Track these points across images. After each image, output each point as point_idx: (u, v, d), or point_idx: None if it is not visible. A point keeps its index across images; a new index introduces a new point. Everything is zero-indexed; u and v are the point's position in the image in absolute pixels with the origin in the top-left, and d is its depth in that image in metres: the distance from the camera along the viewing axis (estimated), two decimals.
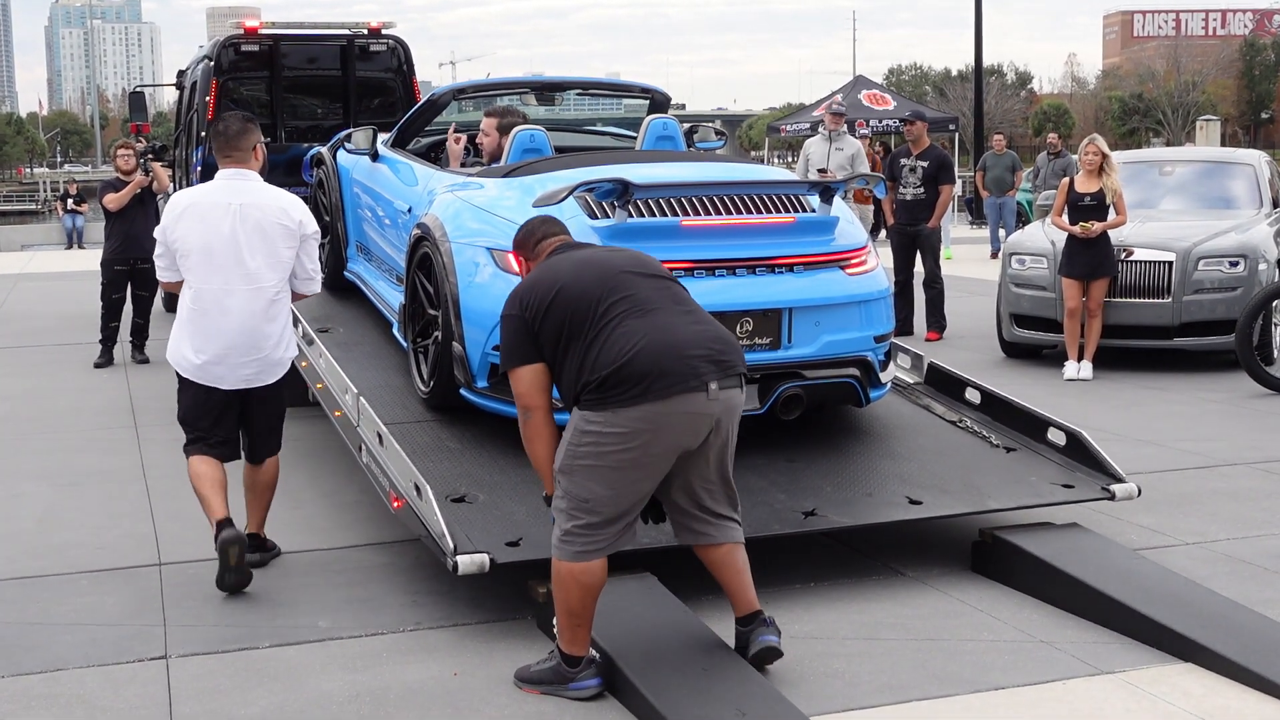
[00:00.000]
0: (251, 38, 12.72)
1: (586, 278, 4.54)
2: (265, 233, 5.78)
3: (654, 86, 8.82)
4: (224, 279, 5.75)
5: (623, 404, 4.36)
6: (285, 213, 5.85)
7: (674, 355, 4.41)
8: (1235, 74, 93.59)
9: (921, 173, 12.87)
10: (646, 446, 4.41)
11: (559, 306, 4.47)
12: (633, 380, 4.35)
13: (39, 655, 5.06)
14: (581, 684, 4.60)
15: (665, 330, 4.46)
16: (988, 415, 6.97)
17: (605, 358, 4.38)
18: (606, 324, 4.44)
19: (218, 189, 5.89)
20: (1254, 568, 6.00)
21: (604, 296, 4.49)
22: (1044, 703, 4.60)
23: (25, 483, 7.76)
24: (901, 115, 27.80)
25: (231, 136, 5.94)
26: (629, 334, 4.41)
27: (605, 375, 4.37)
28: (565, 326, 4.46)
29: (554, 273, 4.59)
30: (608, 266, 4.61)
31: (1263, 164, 12.74)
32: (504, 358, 4.64)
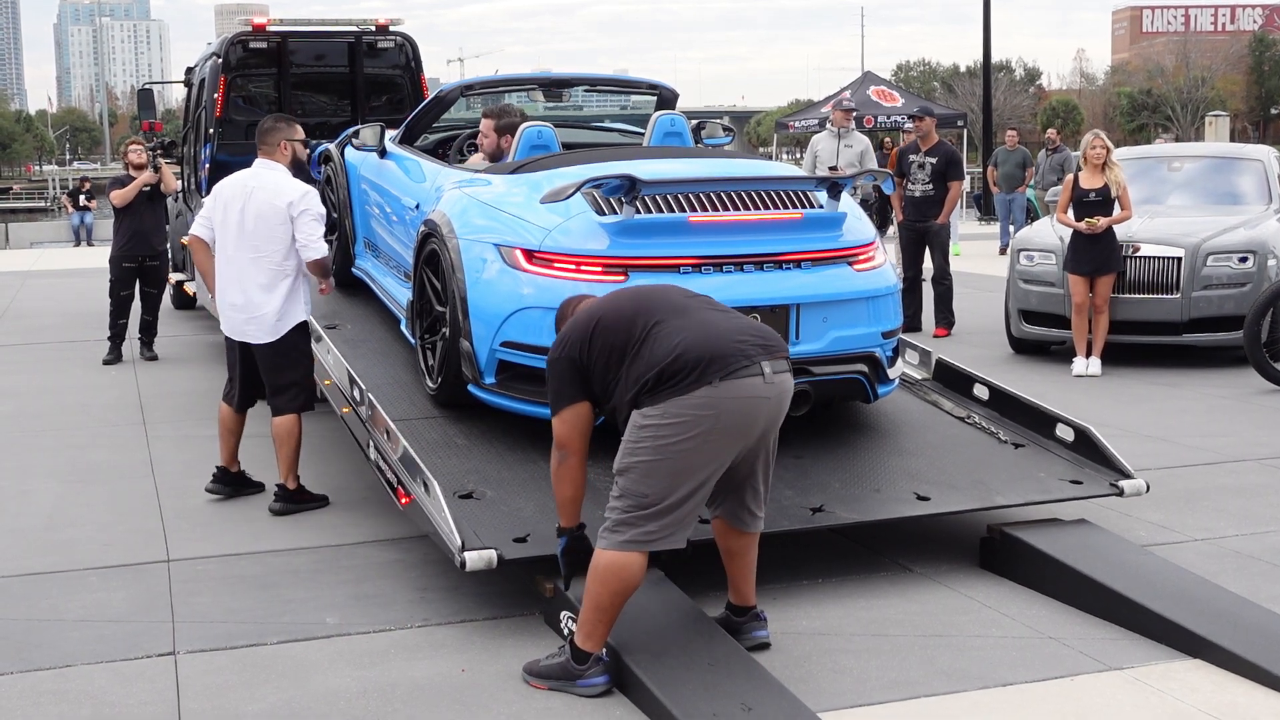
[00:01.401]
0: (259, 35, 12.73)
1: (623, 302, 4.65)
2: (261, 212, 6.80)
3: (661, 83, 8.81)
4: (234, 245, 6.86)
5: (680, 392, 4.37)
6: (278, 194, 6.82)
7: (725, 341, 4.45)
8: (1244, 70, 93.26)
9: (930, 169, 12.86)
10: (707, 434, 4.39)
11: (601, 335, 4.54)
12: (688, 369, 4.37)
13: (47, 651, 5.07)
14: (589, 681, 4.60)
15: (708, 325, 4.52)
16: (996, 411, 6.96)
17: (655, 356, 4.41)
18: (650, 331, 4.48)
19: (247, 173, 7.03)
20: (1262, 564, 5.99)
21: (642, 312, 4.55)
22: (1052, 699, 4.59)
23: (34, 479, 7.77)
24: (910, 111, 27.80)
25: (263, 133, 7.10)
26: (674, 331, 4.45)
27: (660, 370, 4.38)
28: (612, 352, 4.51)
29: (589, 311, 4.69)
30: (640, 291, 4.75)
31: (1271, 160, 12.70)
32: (551, 401, 4.66)
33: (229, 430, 7.18)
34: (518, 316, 5.92)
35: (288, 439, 6.93)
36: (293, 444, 6.94)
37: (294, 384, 6.96)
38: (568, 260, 5.86)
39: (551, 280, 5.86)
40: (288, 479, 6.97)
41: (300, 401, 6.97)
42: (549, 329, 5.83)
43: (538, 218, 6.05)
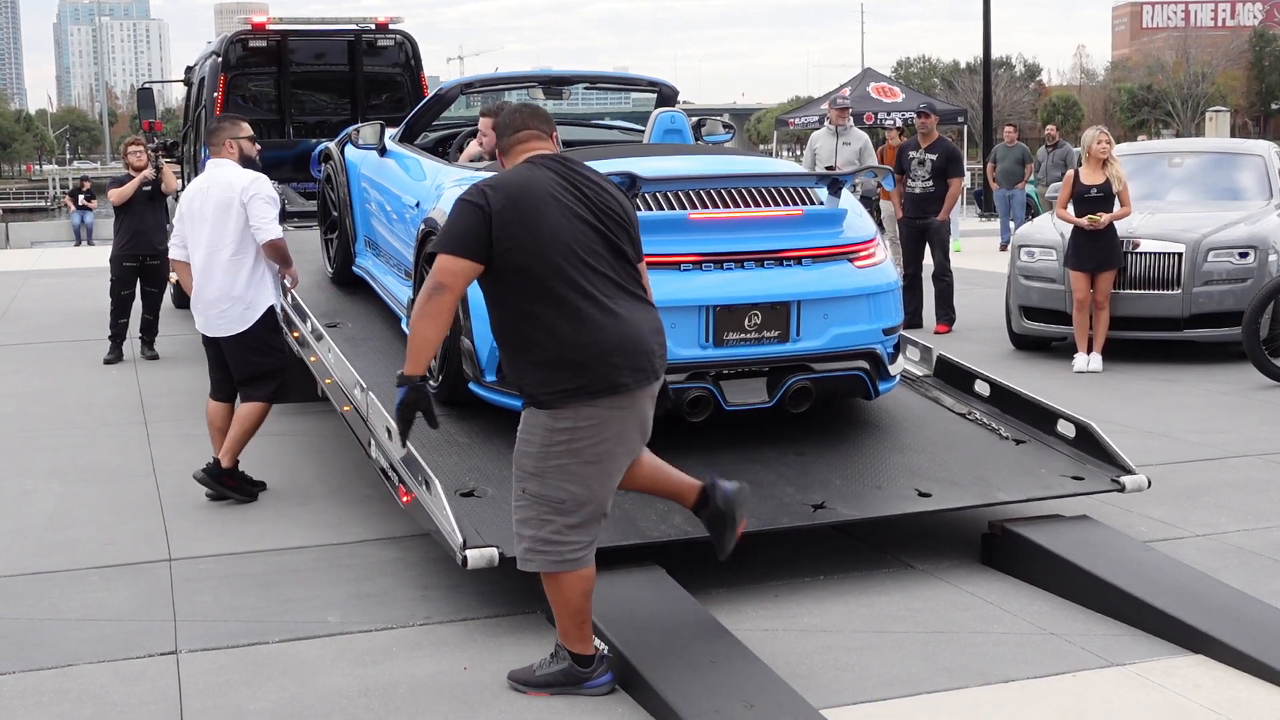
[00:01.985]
0: (259, 33, 12.74)
1: (565, 231, 4.36)
2: (215, 205, 7.01)
3: (661, 80, 8.81)
4: (197, 243, 7.07)
5: (595, 395, 4.32)
6: (229, 186, 7.02)
7: (637, 350, 4.38)
8: (1245, 65, 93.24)
9: (930, 166, 12.85)
10: (620, 435, 4.40)
11: (527, 240, 4.32)
12: (603, 372, 4.32)
13: (49, 651, 5.07)
14: (596, 682, 4.58)
15: (629, 323, 4.39)
16: (997, 407, 6.96)
17: (575, 343, 4.31)
18: (572, 299, 4.32)
19: (200, 178, 7.31)
20: (1264, 559, 5.98)
21: (575, 260, 4.35)
22: (1054, 695, 4.59)
23: (35, 479, 7.77)
24: (911, 108, 27.79)
25: (209, 133, 7.47)
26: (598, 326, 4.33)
27: (577, 365, 4.31)
28: (525, 267, 4.33)
29: (536, 195, 4.39)
30: (582, 229, 4.40)
31: (1272, 155, 12.69)
32: (446, 240, 4.37)
33: (219, 429, 7.27)
34: None
35: (244, 420, 7.10)
36: (246, 427, 7.10)
37: (264, 374, 7.15)
38: None
39: None
40: (224, 456, 7.09)
41: (271, 390, 7.16)
42: None
43: None
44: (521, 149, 4.61)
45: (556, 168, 4.49)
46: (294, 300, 8.23)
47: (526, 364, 4.42)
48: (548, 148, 4.62)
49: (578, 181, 4.48)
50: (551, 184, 4.42)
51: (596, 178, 4.57)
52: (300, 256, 9.85)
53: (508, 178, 4.46)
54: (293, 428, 8.87)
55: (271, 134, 12.87)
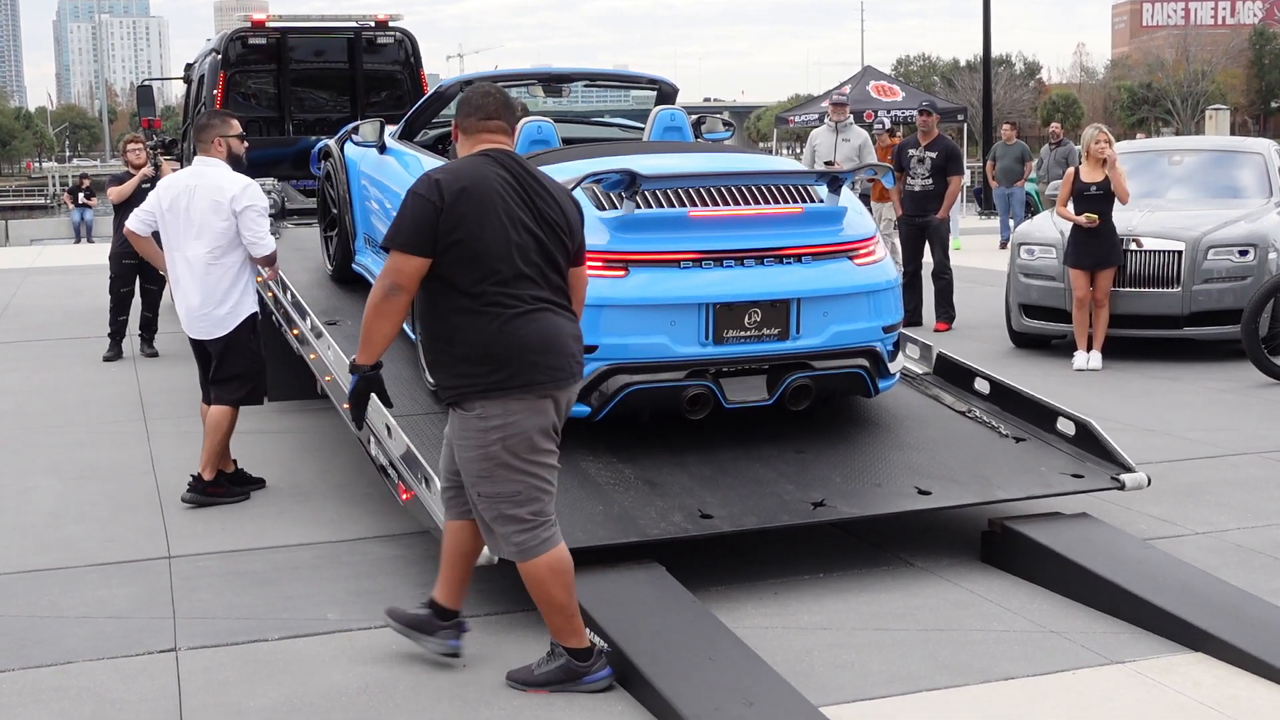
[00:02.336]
0: (259, 31, 12.74)
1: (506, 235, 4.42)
2: (204, 208, 6.91)
3: (661, 78, 8.80)
4: (183, 245, 6.99)
5: (514, 390, 4.40)
6: (220, 189, 6.93)
7: (558, 351, 4.47)
8: (1245, 63, 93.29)
9: (930, 164, 12.85)
10: (543, 429, 4.48)
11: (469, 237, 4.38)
12: (522, 369, 4.40)
13: (49, 648, 5.07)
14: (595, 676, 4.58)
15: (550, 325, 4.47)
16: (997, 405, 6.96)
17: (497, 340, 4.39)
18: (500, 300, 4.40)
19: (188, 172, 7.20)
20: (1264, 557, 5.98)
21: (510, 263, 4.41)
22: (1054, 693, 4.59)
23: (35, 476, 7.77)
24: (911, 106, 27.79)
25: (199, 129, 7.31)
26: (521, 326, 4.41)
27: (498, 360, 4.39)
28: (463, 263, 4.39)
29: (485, 193, 4.44)
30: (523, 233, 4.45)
31: (1272, 153, 12.68)
32: (398, 236, 4.43)
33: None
34: None
35: (215, 430, 7.02)
36: (220, 436, 7.04)
37: (236, 376, 7.09)
38: None
39: None
40: (205, 469, 7.03)
41: (242, 393, 7.11)
42: None
43: None
44: (485, 138, 4.62)
45: (509, 168, 4.55)
46: (294, 298, 8.23)
47: (451, 357, 4.48)
48: (507, 143, 4.66)
49: (527, 185, 4.54)
50: (501, 184, 4.48)
51: (546, 183, 4.62)
52: (300, 254, 9.88)
53: (460, 171, 4.51)
54: (292, 425, 8.87)
55: (271, 131, 12.87)
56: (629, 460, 5.97)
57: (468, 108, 4.67)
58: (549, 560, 4.49)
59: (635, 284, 5.83)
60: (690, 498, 5.67)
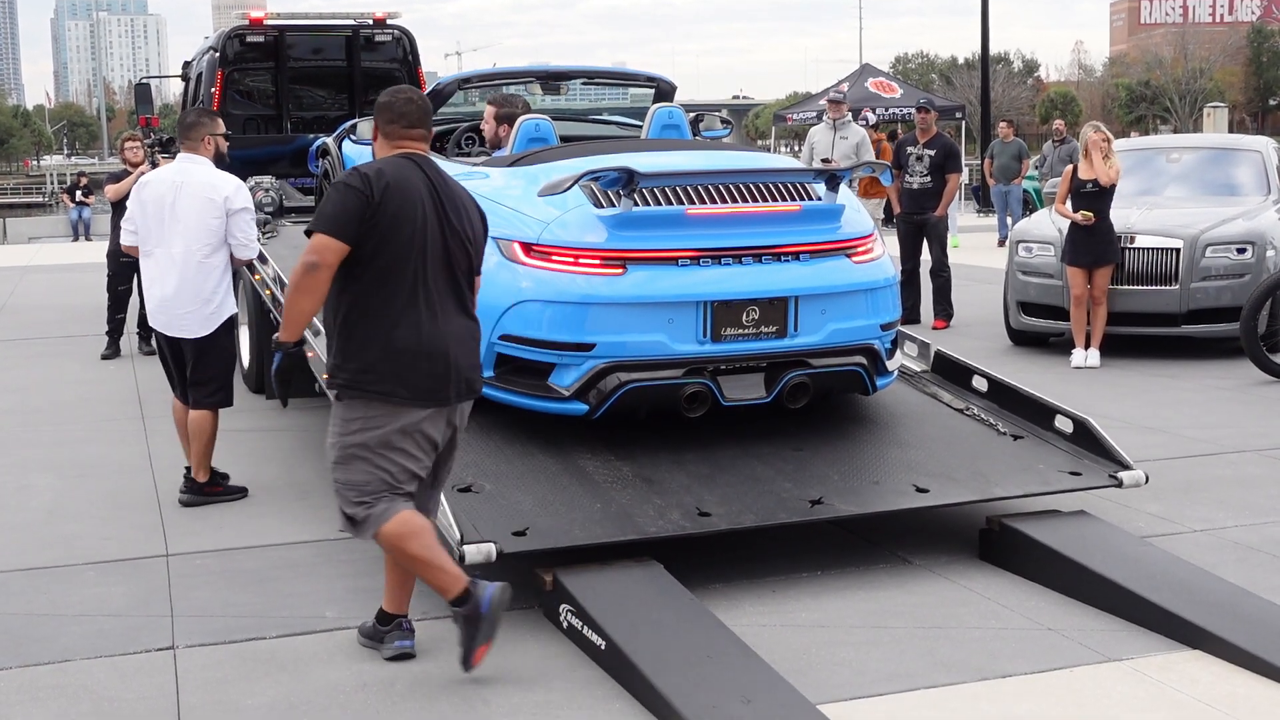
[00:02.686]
0: (257, 29, 12.72)
1: (418, 237, 4.57)
2: (195, 206, 6.83)
3: (659, 75, 8.80)
4: (162, 241, 6.90)
5: (382, 396, 4.57)
6: (213, 188, 6.89)
7: (439, 374, 4.61)
8: (1243, 61, 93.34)
9: (928, 161, 12.85)
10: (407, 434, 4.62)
11: (389, 236, 4.53)
12: (399, 381, 4.56)
13: (47, 646, 5.07)
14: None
15: (442, 345, 4.61)
16: (995, 403, 6.96)
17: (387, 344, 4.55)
18: (403, 303, 4.55)
19: (171, 169, 7.07)
20: (1262, 555, 5.99)
21: (419, 267, 4.57)
22: (1051, 690, 4.59)
23: (33, 474, 7.77)
24: (909, 104, 27.79)
25: (186, 127, 7.16)
26: (414, 337, 4.56)
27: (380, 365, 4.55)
28: (377, 259, 4.54)
29: (410, 194, 4.59)
30: (435, 240, 4.62)
31: (1270, 150, 12.69)
32: (324, 220, 4.53)
33: (181, 424, 7.23)
34: (516, 310, 5.92)
35: (201, 434, 7.00)
36: (207, 439, 7.03)
37: (214, 378, 7.05)
38: (566, 253, 5.86)
39: (550, 273, 5.86)
40: (198, 472, 7.06)
41: (220, 397, 7.07)
42: (548, 322, 5.84)
43: (535, 210, 6.04)
44: (406, 143, 4.76)
45: (431, 173, 4.72)
46: None
47: (343, 349, 4.64)
48: (423, 149, 4.81)
49: (444, 193, 4.70)
50: (424, 187, 4.64)
51: (459, 192, 4.80)
52: (297, 251, 9.81)
53: (392, 170, 4.62)
54: (290, 423, 8.87)
55: (269, 129, 12.87)
56: (627, 458, 5.97)
57: (391, 114, 4.78)
58: (396, 523, 4.61)
59: (633, 282, 5.83)
60: (688, 495, 5.67)
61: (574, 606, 4.97)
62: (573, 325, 5.82)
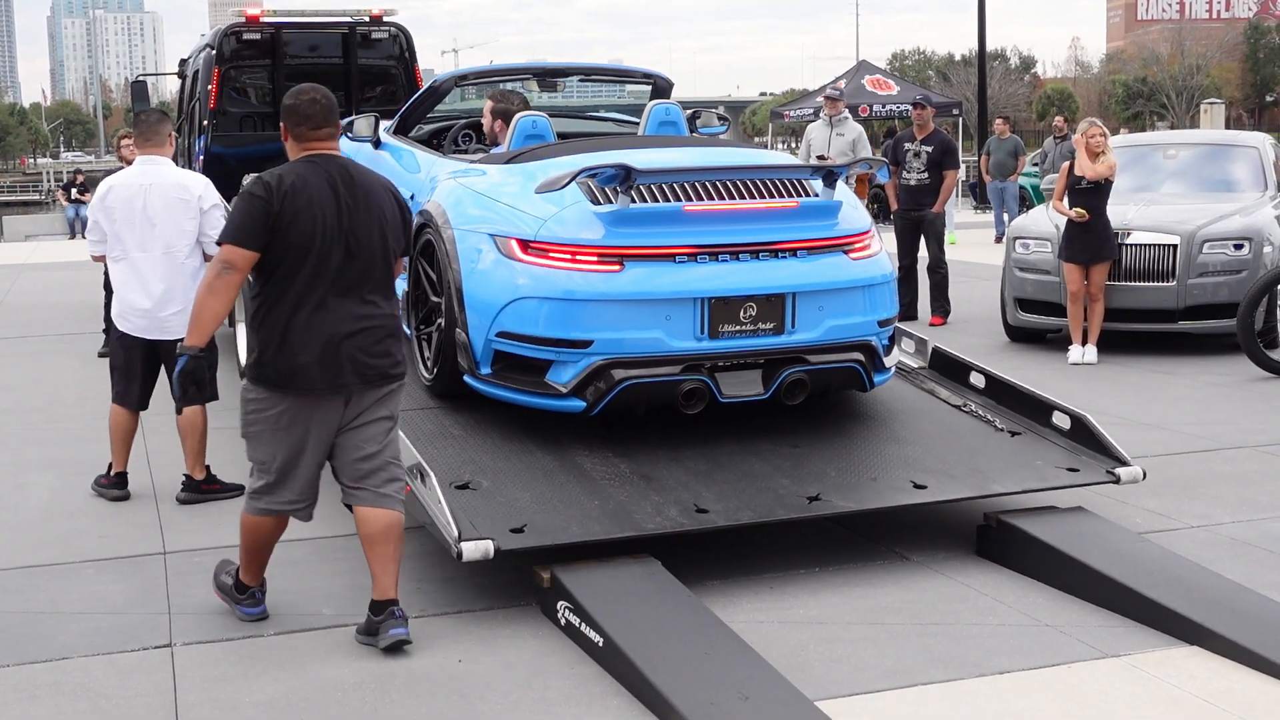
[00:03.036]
0: (253, 26, 12.69)
1: (320, 237, 4.81)
2: (168, 206, 6.82)
3: (656, 72, 8.80)
4: (138, 245, 6.85)
5: (278, 384, 4.86)
6: (184, 187, 6.90)
7: (331, 364, 4.84)
8: (1239, 57, 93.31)
9: (926, 158, 12.85)
10: (305, 420, 4.90)
11: (288, 237, 4.78)
12: (294, 369, 4.83)
13: (44, 644, 5.07)
14: (246, 610, 5.26)
15: (338, 335, 4.84)
16: (992, 399, 6.96)
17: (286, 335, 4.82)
18: (300, 298, 4.81)
19: (135, 172, 6.98)
20: (1259, 551, 5.99)
21: (319, 265, 4.82)
22: (1049, 686, 4.59)
23: (30, 472, 7.77)
24: (906, 100, 27.78)
25: (151, 125, 7.07)
26: (311, 329, 4.82)
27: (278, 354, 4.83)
28: (280, 260, 4.80)
29: (307, 196, 4.81)
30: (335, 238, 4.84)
31: (1267, 147, 12.70)
32: (230, 231, 4.81)
33: (129, 433, 7.21)
34: (513, 307, 5.92)
35: (194, 431, 7.02)
36: (200, 435, 7.04)
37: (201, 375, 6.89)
38: (563, 250, 5.86)
39: (547, 270, 5.86)
40: (195, 470, 7.08)
41: (209, 391, 6.96)
42: (545, 319, 5.84)
43: (533, 207, 6.04)
44: (314, 144, 4.97)
45: (335, 172, 4.93)
46: None
47: (251, 339, 4.96)
48: (334, 148, 5.02)
49: (349, 190, 4.91)
50: (324, 188, 4.86)
51: (370, 187, 4.99)
52: None
53: (293, 175, 4.87)
54: None
55: (266, 126, 12.84)
56: (624, 455, 5.97)
57: (297, 117, 4.97)
58: (249, 521, 5.09)
59: (630, 278, 5.83)
60: (686, 492, 5.68)
61: (571, 603, 4.97)
62: (570, 322, 5.82)
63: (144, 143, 7.01)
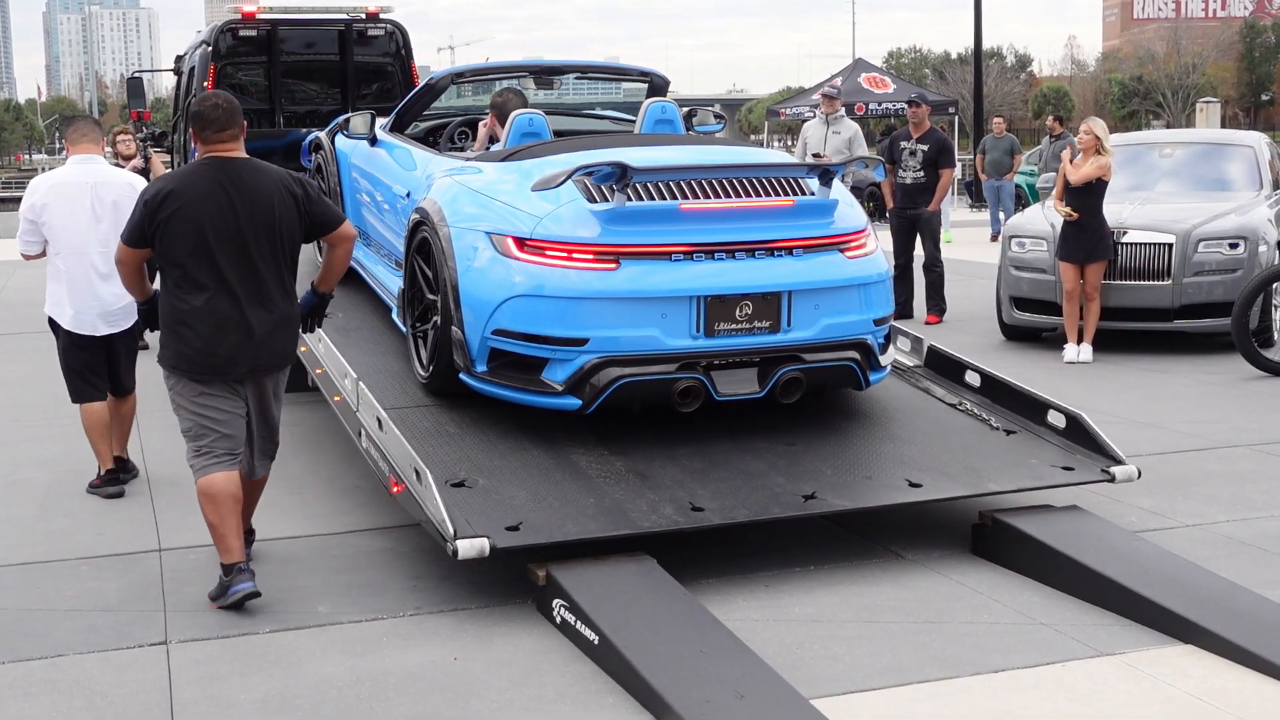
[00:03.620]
0: (249, 23, 12.69)
1: (199, 234, 5.31)
2: (118, 204, 6.98)
3: (653, 70, 8.79)
4: (84, 243, 7.07)
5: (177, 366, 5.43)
6: (130, 187, 7.09)
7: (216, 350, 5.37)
8: (1235, 56, 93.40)
9: (921, 156, 12.85)
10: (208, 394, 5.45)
11: (169, 234, 5.34)
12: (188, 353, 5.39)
13: (40, 641, 5.07)
14: (237, 588, 5.30)
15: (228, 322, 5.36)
16: (987, 398, 6.96)
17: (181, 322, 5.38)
18: (189, 288, 5.36)
19: (77, 172, 7.17)
20: (1253, 549, 6.00)
21: (203, 257, 5.33)
22: (1044, 684, 4.60)
23: (25, 469, 7.76)
24: (902, 99, 27.78)
25: (90, 126, 7.43)
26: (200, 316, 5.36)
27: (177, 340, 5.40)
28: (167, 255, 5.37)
29: (188, 197, 5.33)
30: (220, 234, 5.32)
31: (1262, 146, 12.71)
32: (124, 231, 5.53)
33: (106, 425, 7.34)
34: (509, 304, 5.92)
35: (132, 411, 7.53)
36: (132, 417, 7.56)
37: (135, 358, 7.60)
38: (559, 248, 5.86)
39: (543, 268, 5.86)
40: (124, 451, 7.49)
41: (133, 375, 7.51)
42: (541, 317, 5.84)
43: (529, 205, 6.04)
44: (218, 146, 5.45)
45: (228, 174, 5.39)
46: None
47: (161, 324, 5.50)
48: (236, 149, 5.48)
49: (240, 189, 5.37)
50: (210, 188, 5.34)
51: (265, 184, 5.43)
52: None
53: (181, 179, 5.44)
54: (283, 418, 8.85)
55: (262, 123, 12.84)
56: (620, 453, 5.98)
57: (202, 121, 5.45)
58: (202, 483, 5.38)
59: (626, 276, 5.83)
60: (681, 490, 5.68)
61: (567, 601, 4.97)
62: (566, 320, 5.82)
63: (80, 142, 7.24)
